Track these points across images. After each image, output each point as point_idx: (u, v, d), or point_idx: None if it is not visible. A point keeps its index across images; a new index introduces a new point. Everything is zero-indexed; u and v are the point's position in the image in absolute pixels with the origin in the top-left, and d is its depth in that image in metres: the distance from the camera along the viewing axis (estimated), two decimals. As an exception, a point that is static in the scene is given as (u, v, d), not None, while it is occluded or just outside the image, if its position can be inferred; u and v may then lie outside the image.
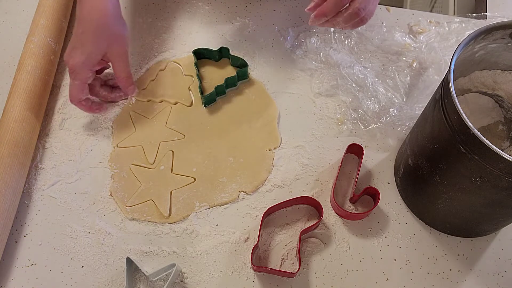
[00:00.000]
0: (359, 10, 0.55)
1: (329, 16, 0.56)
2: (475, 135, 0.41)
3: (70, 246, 0.58)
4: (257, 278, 0.56)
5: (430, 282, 0.55)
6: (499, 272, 0.56)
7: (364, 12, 0.56)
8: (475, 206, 0.50)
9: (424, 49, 0.69)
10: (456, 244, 0.58)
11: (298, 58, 0.71)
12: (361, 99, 0.66)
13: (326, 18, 0.56)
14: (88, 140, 0.65)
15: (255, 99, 0.68)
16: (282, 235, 0.58)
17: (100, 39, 0.60)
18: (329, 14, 0.56)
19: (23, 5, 0.77)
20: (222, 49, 0.69)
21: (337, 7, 0.55)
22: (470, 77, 0.57)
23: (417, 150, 0.54)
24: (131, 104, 0.67)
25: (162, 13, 0.76)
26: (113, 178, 0.62)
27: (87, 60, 0.60)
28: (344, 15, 0.56)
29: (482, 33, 0.47)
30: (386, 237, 0.58)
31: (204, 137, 0.65)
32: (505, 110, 0.59)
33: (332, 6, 0.55)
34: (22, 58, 0.66)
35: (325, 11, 0.55)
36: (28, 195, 0.61)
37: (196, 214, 0.60)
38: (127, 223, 0.59)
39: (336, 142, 0.64)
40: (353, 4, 0.55)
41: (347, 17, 0.56)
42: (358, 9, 0.55)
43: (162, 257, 0.57)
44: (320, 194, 0.61)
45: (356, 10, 0.55)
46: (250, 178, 0.61)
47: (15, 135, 0.59)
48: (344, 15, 0.56)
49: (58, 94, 0.69)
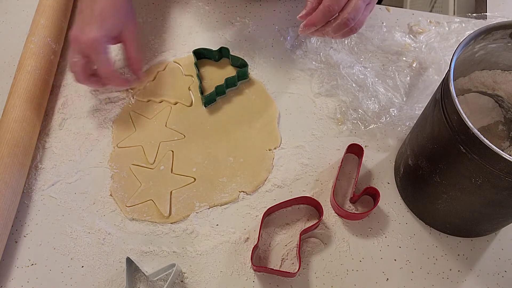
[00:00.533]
0: (347, 20, 0.54)
1: (318, 25, 0.55)
2: (475, 135, 0.41)
3: (70, 246, 0.58)
4: (257, 278, 0.56)
5: (430, 282, 0.55)
6: (499, 272, 0.56)
7: (354, 22, 0.55)
8: (475, 206, 0.50)
9: (424, 49, 0.69)
10: (456, 244, 0.58)
11: (298, 58, 0.71)
12: (361, 99, 0.66)
13: (316, 28, 0.56)
14: (88, 140, 0.65)
15: (255, 99, 0.68)
16: (282, 235, 0.58)
17: (120, 15, 0.60)
18: (318, 24, 0.55)
19: (23, 5, 0.77)
20: (222, 49, 0.69)
21: (325, 17, 0.54)
22: (470, 77, 0.57)
23: (417, 150, 0.54)
24: (131, 104, 0.68)
25: (162, 13, 0.76)
26: (113, 178, 0.62)
27: (107, 35, 0.59)
28: (333, 25, 0.55)
29: (482, 33, 0.47)
30: (386, 237, 0.58)
31: (204, 137, 0.65)
32: (505, 110, 0.59)
33: (321, 16, 0.54)
34: (22, 58, 0.66)
35: (314, 21, 0.55)
36: (28, 195, 0.61)
37: (196, 214, 0.60)
38: (127, 223, 0.59)
39: (336, 142, 0.64)
40: (342, 14, 0.54)
41: (336, 27, 0.55)
42: (347, 19, 0.54)
43: (162, 257, 0.57)
44: (320, 194, 0.61)
45: (344, 20, 0.54)
46: (250, 178, 0.61)
47: (15, 135, 0.59)
48: (333, 25, 0.55)
49: (58, 94, 0.69)
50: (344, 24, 0.55)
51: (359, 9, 0.54)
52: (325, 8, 0.54)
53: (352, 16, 0.54)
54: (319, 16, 0.54)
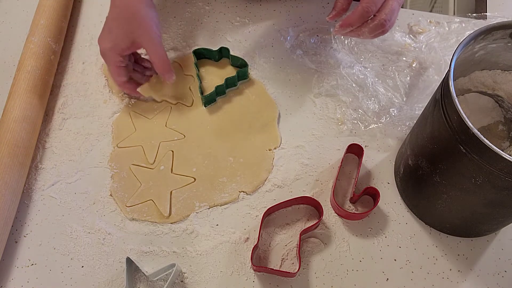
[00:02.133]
0: (385, 21, 0.55)
1: (355, 26, 0.56)
2: (475, 135, 0.41)
3: (70, 246, 0.58)
4: (257, 278, 0.56)
5: (430, 282, 0.55)
6: (499, 272, 0.56)
7: (390, 23, 0.56)
8: (475, 206, 0.50)
9: (424, 49, 0.69)
10: (456, 244, 0.58)
11: (298, 58, 0.71)
12: (361, 99, 0.66)
13: (352, 28, 0.56)
14: (88, 140, 0.65)
15: (255, 99, 0.68)
16: (282, 235, 0.58)
17: (128, 26, 0.60)
18: (355, 24, 0.56)
19: (23, 5, 0.77)
20: (222, 49, 0.69)
21: (363, 18, 0.55)
22: (470, 77, 0.57)
23: (417, 150, 0.54)
24: (131, 104, 0.68)
25: (162, 13, 0.76)
26: (113, 178, 0.62)
27: (114, 46, 0.61)
28: (370, 25, 0.56)
29: (482, 33, 0.47)
30: (386, 237, 0.58)
31: (204, 137, 0.65)
32: (505, 110, 0.59)
33: (358, 17, 0.55)
34: (22, 58, 0.66)
35: (351, 21, 0.55)
36: (28, 195, 0.61)
37: (196, 214, 0.60)
38: (127, 223, 0.59)
39: (336, 142, 0.64)
40: (379, 15, 0.55)
41: (373, 27, 0.56)
42: (384, 20, 0.55)
43: (162, 257, 0.57)
44: (320, 194, 0.61)
45: (382, 21, 0.55)
46: (250, 178, 0.61)
47: (15, 135, 0.59)
48: (370, 26, 0.56)
49: (58, 94, 0.69)
50: (381, 25, 0.55)
51: (394, 10, 0.55)
52: (363, 8, 0.54)
53: (388, 17, 0.55)
54: (357, 16, 0.55)
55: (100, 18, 0.75)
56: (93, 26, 0.75)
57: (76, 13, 0.76)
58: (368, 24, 0.56)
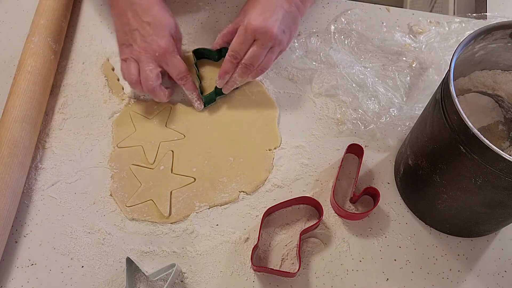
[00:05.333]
0: (246, 65, 0.61)
1: (230, 72, 0.62)
2: (475, 135, 0.41)
3: (70, 246, 0.58)
4: (257, 278, 0.56)
5: (430, 282, 0.55)
6: (499, 272, 0.56)
7: (254, 67, 0.61)
8: (475, 206, 0.50)
9: (424, 49, 0.69)
10: (456, 244, 0.58)
11: (298, 58, 0.70)
12: (361, 99, 0.66)
13: (229, 75, 0.62)
14: (88, 140, 0.65)
15: (255, 99, 0.67)
16: (282, 235, 0.58)
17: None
18: (229, 70, 0.62)
19: (23, 5, 0.77)
20: (222, 49, 0.69)
21: (232, 63, 0.61)
22: (470, 77, 0.57)
23: (417, 150, 0.54)
24: (131, 104, 0.68)
25: (162, 13, 0.76)
26: (113, 178, 0.62)
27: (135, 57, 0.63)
28: (237, 71, 0.62)
29: (482, 33, 0.47)
30: (386, 237, 0.58)
31: (204, 137, 0.65)
32: (505, 110, 0.59)
33: (229, 64, 0.62)
34: (22, 58, 0.66)
35: (224, 69, 0.62)
36: (28, 195, 0.61)
37: (196, 214, 0.60)
38: (127, 223, 0.59)
39: (336, 142, 0.64)
40: (243, 61, 0.61)
41: (239, 72, 0.62)
42: (245, 64, 0.61)
43: (162, 257, 0.57)
44: (320, 194, 0.61)
45: (243, 66, 0.61)
46: (250, 178, 0.61)
47: (15, 135, 0.59)
48: (237, 71, 0.62)
49: (58, 94, 0.69)
50: (245, 69, 0.61)
51: (257, 55, 0.60)
52: (228, 55, 0.61)
53: (250, 62, 0.61)
54: (227, 64, 0.62)
55: (100, 18, 0.75)
56: (93, 26, 0.75)
57: (76, 13, 0.76)
58: (237, 70, 0.62)
